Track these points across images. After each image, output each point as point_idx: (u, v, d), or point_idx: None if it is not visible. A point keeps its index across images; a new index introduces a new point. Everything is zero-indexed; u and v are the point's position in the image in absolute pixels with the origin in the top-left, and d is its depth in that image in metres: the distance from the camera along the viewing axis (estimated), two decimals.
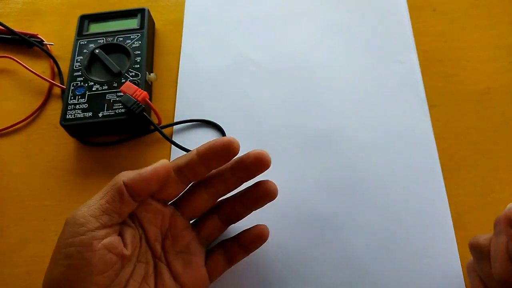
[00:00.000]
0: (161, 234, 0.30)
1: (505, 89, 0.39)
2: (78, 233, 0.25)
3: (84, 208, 0.26)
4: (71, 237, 0.25)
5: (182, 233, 0.30)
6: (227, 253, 0.31)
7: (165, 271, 0.29)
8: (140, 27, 0.43)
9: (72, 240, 0.25)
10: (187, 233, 0.30)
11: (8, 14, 0.48)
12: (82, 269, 0.24)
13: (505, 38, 0.41)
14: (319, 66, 0.41)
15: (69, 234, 0.25)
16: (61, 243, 0.25)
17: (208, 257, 0.31)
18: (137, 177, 0.27)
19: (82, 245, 0.24)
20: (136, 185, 0.26)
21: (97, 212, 0.25)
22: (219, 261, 0.30)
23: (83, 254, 0.24)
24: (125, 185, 0.26)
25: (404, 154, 0.36)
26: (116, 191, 0.26)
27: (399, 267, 0.32)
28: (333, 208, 0.35)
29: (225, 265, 0.31)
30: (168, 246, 0.29)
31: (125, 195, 0.26)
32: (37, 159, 0.40)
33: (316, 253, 0.33)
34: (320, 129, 0.38)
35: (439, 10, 0.43)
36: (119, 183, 0.26)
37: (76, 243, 0.24)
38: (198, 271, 0.30)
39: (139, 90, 0.37)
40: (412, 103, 0.39)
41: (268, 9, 0.45)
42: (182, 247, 0.30)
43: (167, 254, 0.29)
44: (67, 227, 0.25)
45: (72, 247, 0.24)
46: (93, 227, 0.25)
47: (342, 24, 0.44)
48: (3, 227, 0.37)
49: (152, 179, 0.27)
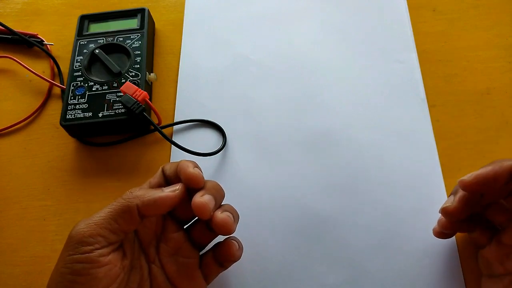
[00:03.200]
0: (156, 237, 0.30)
1: (505, 89, 0.39)
2: (85, 250, 0.25)
3: (92, 224, 0.26)
4: (78, 253, 0.25)
5: (175, 235, 0.30)
6: (216, 257, 0.30)
7: (160, 275, 0.29)
8: (140, 27, 0.43)
9: (78, 256, 0.25)
10: (180, 236, 0.30)
11: (8, 14, 0.48)
12: (88, 284, 0.25)
13: (505, 38, 0.41)
14: (319, 66, 0.41)
15: (76, 250, 0.25)
16: (66, 258, 0.25)
17: (202, 260, 0.31)
18: (151, 202, 0.27)
19: (89, 261, 0.25)
20: (148, 209, 0.27)
21: (106, 232, 0.26)
22: (212, 264, 0.30)
23: (90, 271, 0.25)
24: (138, 208, 0.26)
25: (404, 154, 0.36)
26: (128, 214, 0.26)
27: (399, 267, 0.32)
28: (333, 208, 0.35)
29: (218, 268, 0.30)
30: (163, 249, 0.30)
31: (136, 217, 0.26)
32: (37, 159, 0.40)
33: (316, 253, 0.33)
34: (320, 129, 0.38)
35: (439, 10, 0.43)
36: (132, 207, 0.26)
37: (83, 260, 0.25)
38: (193, 274, 0.30)
39: (139, 90, 0.37)
40: (412, 103, 0.39)
41: (268, 9, 0.45)
42: (176, 250, 0.30)
43: (162, 257, 0.29)
44: (73, 242, 0.25)
45: (79, 264, 0.25)
46: (100, 246, 0.25)
47: (342, 24, 0.44)
48: (3, 227, 0.37)
49: (165, 204, 0.27)
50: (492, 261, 0.28)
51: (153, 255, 0.29)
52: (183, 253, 0.30)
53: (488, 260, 0.29)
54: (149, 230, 0.29)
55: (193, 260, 0.30)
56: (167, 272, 0.29)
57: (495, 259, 0.28)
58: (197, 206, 0.27)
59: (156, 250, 0.30)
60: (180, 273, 0.29)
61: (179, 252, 0.30)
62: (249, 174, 0.37)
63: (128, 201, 0.26)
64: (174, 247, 0.30)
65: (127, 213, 0.26)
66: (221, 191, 0.29)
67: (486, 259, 0.29)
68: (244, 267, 0.32)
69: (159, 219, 0.30)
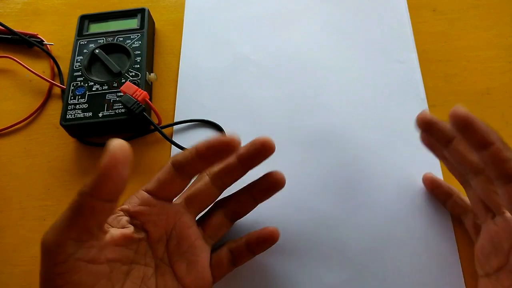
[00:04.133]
0: (166, 234, 0.29)
1: (505, 89, 0.39)
2: (60, 260, 0.23)
3: (57, 231, 0.24)
4: (53, 265, 0.23)
5: (187, 232, 0.29)
6: (232, 254, 0.30)
7: (168, 272, 0.28)
8: (140, 27, 0.43)
9: (55, 269, 0.23)
10: (192, 232, 0.29)
11: (8, 14, 0.48)
12: None
13: (505, 38, 0.41)
14: (319, 66, 0.41)
15: (51, 263, 0.24)
16: (45, 273, 0.24)
17: (212, 258, 0.30)
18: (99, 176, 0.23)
19: (67, 270, 0.23)
20: (97, 190, 0.23)
21: (73, 234, 0.23)
22: (224, 262, 0.30)
23: (72, 277, 0.23)
24: (85, 198, 0.23)
25: (404, 154, 0.36)
26: (76, 209, 0.23)
27: (400, 267, 0.32)
28: (333, 208, 0.35)
29: (230, 266, 0.30)
30: (173, 246, 0.29)
31: (89, 206, 0.23)
32: (37, 159, 0.40)
33: (316, 252, 0.33)
34: (320, 129, 0.38)
35: (439, 10, 0.43)
36: (78, 200, 0.23)
37: (62, 270, 0.23)
38: (202, 272, 0.29)
39: (139, 90, 0.37)
40: (412, 103, 0.39)
41: (268, 9, 0.45)
42: (187, 247, 0.29)
43: (172, 254, 0.29)
44: (46, 255, 0.24)
45: (58, 275, 0.23)
46: (72, 250, 0.23)
47: (342, 24, 0.44)
48: (3, 227, 0.37)
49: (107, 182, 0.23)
50: (478, 259, 0.29)
51: (161, 252, 0.28)
52: (195, 249, 0.29)
53: (476, 257, 0.29)
54: (159, 227, 0.28)
55: (204, 257, 0.29)
56: (176, 269, 0.28)
57: (481, 256, 0.28)
58: (261, 142, 0.28)
59: (166, 247, 0.29)
60: (190, 271, 0.29)
61: (189, 249, 0.29)
62: (249, 174, 0.37)
63: (80, 194, 0.24)
64: (186, 244, 0.29)
65: (76, 209, 0.23)
66: None
67: (476, 256, 0.29)
68: (243, 267, 0.32)
69: (170, 215, 0.28)
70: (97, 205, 0.23)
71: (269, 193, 0.31)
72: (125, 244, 0.27)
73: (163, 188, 0.28)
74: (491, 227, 0.28)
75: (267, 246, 0.31)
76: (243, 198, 0.31)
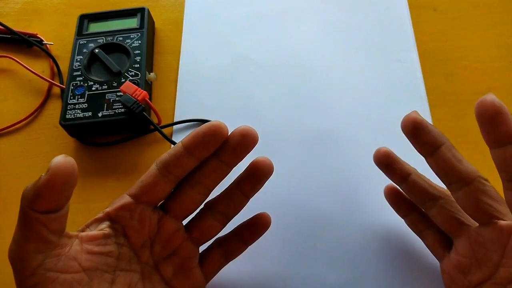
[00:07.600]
0: (150, 239, 0.28)
1: (506, 89, 0.38)
2: (28, 273, 0.23)
3: (16, 245, 0.23)
4: (24, 279, 0.23)
5: (173, 236, 0.28)
6: (223, 248, 0.30)
7: (155, 277, 0.28)
8: (140, 27, 0.43)
9: (27, 282, 0.23)
10: (178, 236, 0.28)
11: (8, 14, 0.48)
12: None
13: (505, 38, 0.41)
14: (319, 66, 0.41)
15: (22, 276, 0.23)
16: (20, 286, 0.24)
17: (202, 256, 0.30)
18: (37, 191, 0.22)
19: (38, 281, 0.23)
20: (42, 203, 0.22)
21: (31, 247, 0.23)
22: (215, 258, 0.29)
23: None
24: (27, 211, 0.23)
25: (404, 153, 0.36)
26: (23, 223, 0.23)
27: (400, 267, 0.32)
28: (333, 207, 0.34)
29: (222, 262, 0.30)
30: (157, 251, 0.28)
31: (34, 219, 0.23)
32: (37, 159, 0.40)
33: (316, 252, 0.33)
34: (321, 129, 0.38)
35: (439, 10, 0.43)
36: (22, 214, 0.23)
37: (33, 282, 0.23)
38: (191, 273, 0.29)
39: (139, 89, 0.37)
40: (413, 102, 0.38)
41: (268, 9, 0.45)
42: (173, 251, 0.28)
43: (157, 259, 0.28)
44: (15, 270, 0.24)
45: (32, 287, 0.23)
46: (38, 262, 0.23)
47: (343, 24, 0.43)
48: (3, 227, 0.37)
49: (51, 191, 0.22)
50: (450, 276, 0.28)
51: (146, 257, 0.28)
52: (181, 252, 0.28)
53: (447, 274, 0.28)
54: (142, 232, 0.27)
55: (192, 258, 0.29)
56: (162, 273, 0.28)
57: (457, 272, 0.27)
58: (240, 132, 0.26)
59: (151, 252, 0.28)
60: (177, 274, 0.28)
61: (176, 252, 0.28)
62: None
63: (21, 208, 0.23)
64: (171, 248, 0.28)
65: (24, 219, 0.23)
66: None
67: (446, 273, 0.28)
68: (243, 267, 0.32)
69: (152, 220, 0.27)
70: (41, 217, 0.23)
71: (259, 183, 0.28)
72: (97, 247, 0.26)
73: (146, 191, 0.27)
74: (474, 239, 0.26)
75: (260, 234, 0.30)
76: (233, 195, 0.29)
